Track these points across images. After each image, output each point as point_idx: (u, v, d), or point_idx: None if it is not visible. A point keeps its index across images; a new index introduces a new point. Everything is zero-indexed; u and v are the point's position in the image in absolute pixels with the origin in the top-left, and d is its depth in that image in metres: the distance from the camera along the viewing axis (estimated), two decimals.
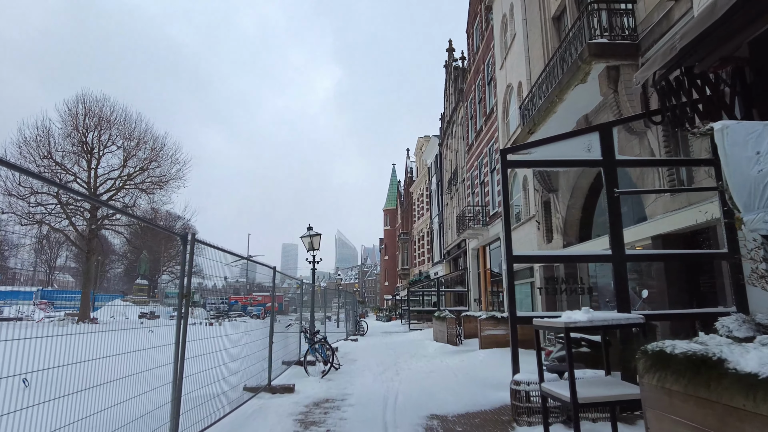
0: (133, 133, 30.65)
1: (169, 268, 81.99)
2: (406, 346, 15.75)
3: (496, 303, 20.69)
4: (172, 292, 75.88)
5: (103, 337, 3.80)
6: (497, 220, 19.14)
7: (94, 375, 3.52)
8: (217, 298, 49.77)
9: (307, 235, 14.22)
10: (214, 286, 72.20)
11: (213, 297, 48.38)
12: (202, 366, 5.83)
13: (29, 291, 46.44)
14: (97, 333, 3.76)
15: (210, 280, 43.81)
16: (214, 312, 44.89)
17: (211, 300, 48.41)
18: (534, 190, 14.26)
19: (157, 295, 63.02)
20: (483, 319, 13.34)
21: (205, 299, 48.57)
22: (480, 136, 22.30)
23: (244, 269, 9.82)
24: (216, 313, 44.63)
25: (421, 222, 44.31)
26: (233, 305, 48.53)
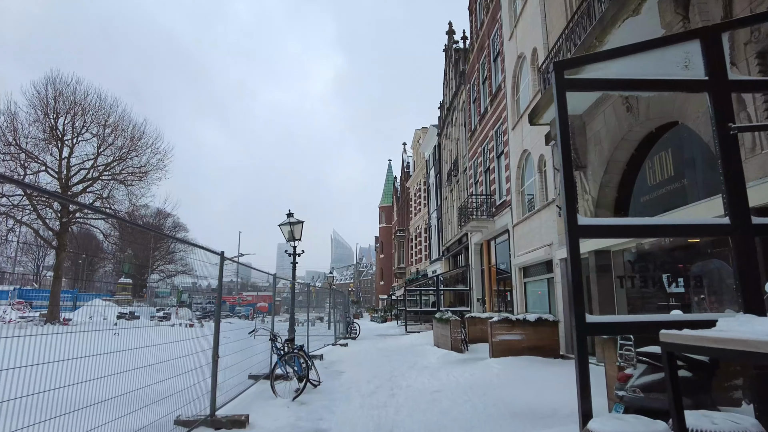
0: (108, 119, 28.36)
1: (159, 267, 79.73)
2: (403, 352, 13.61)
3: (503, 303, 18.57)
4: (162, 292, 73.64)
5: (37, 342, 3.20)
6: (505, 211, 17.04)
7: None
8: (204, 298, 47.43)
9: (287, 223, 12.06)
10: (209, 286, 69.37)
11: (200, 296, 46.03)
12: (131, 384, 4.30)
13: (5, 290, 43.98)
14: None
15: (205, 281, 40.69)
16: (200, 312, 42.61)
17: (198, 300, 46.03)
18: (554, 170, 12.15)
19: (145, 295, 60.71)
20: (495, 323, 11.22)
21: (191, 299, 46.24)
22: (485, 119, 20.20)
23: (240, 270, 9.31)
24: (202, 314, 42.38)
25: (419, 218, 42.20)
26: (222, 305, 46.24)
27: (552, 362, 10.41)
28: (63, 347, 3.61)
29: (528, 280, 15.01)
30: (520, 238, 15.32)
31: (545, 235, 12.89)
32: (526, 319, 11.32)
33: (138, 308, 42.02)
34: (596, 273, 9.83)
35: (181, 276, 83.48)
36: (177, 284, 74.32)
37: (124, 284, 50.52)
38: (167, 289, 74.32)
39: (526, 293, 15.28)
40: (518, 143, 15.55)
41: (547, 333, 11.34)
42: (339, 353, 13.85)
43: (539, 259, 13.37)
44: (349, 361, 11.91)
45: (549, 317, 11.42)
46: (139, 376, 4.84)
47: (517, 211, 15.77)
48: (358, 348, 15.53)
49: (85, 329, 4.03)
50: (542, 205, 13.21)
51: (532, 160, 14.47)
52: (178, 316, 41.87)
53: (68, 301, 45.04)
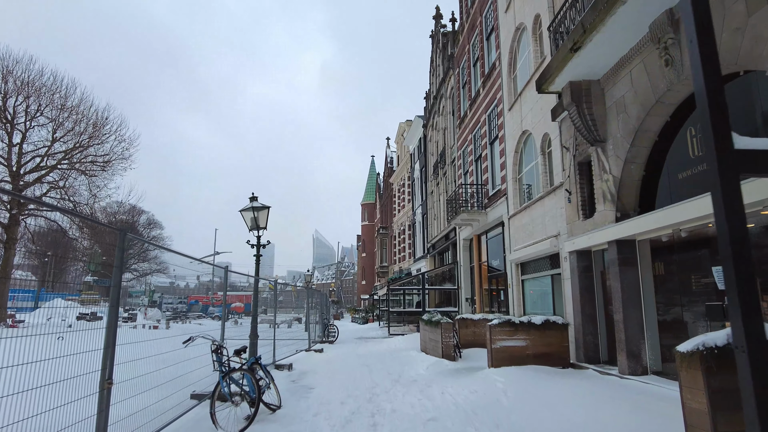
0: (65, 102, 25.92)
1: (133, 266, 76.44)
2: (387, 360, 11.81)
3: (496, 303, 16.94)
4: (136, 291, 70.73)
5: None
6: (499, 201, 15.39)
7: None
8: (175, 298, 44.88)
9: (249, 209, 10.17)
10: (186, 285, 67.09)
11: (171, 296, 43.49)
12: None
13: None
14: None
15: (183, 281, 38.33)
16: (170, 313, 40.16)
17: (169, 299, 43.51)
18: (562, 149, 10.51)
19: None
20: (495, 326, 9.52)
21: (161, 299, 43.69)
22: (476, 103, 18.56)
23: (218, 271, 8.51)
24: (173, 314, 39.95)
25: (402, 215, 40.49)
26: (193, 305, 43.75)
27: (563, 373, 8.75)
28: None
29: (527, 277, 13.37)
30: (518, 230, 13.68)
31: (550, 225, 11.24)
32: (531, 322, 9.64)
33: (102, 308, 39.58)
34: (618, 267, 8.19)
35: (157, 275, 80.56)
36: (149, 283, 71.48)
37: (90, 283, 47.74)
38: (141, 289, 71.50)
39: (524, 292, 13.65)
40: (516, 125, 13.91)
41: (556, 338, 9.68)
42: (312, 361, 12.00)
43: (542, 253, 11.72)
44: (322, 371, 10.07)
45: (557, 320, 9.76)
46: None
47: (514, 200, 14.13)
48: (335, 354, 13.68)
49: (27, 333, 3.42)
50: (546, 192, 11.57)
51: (533, 142, 12.83)
52: (146, 316, 39.42)
53: (29, 301, 42.17)
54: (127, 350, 5.33)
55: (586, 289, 9.67)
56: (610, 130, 8.56)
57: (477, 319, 13.88)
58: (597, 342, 9.44)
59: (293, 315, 35.91)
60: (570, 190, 10.08)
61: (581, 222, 9.65)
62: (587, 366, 9.15)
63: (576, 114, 8.84)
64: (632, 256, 8.19)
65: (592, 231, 9.05)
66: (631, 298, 8.07)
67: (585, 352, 9.44)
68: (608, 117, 8.61)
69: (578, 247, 9.62)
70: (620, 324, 8.09)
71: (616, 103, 8.33)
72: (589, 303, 9.61)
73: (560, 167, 10.71)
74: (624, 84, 8.07)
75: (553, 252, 11.04)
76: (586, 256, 9.76)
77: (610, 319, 9.30)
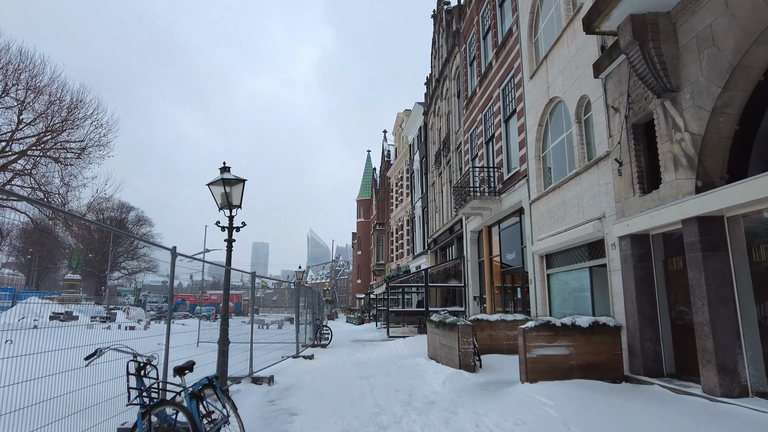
0: (35, 81, 23.65)
1: (121, 264, 73.94)
2: (391, 370, 9.76)
3: (511, 302, 14.95)
4: (125, 290, 68.37)
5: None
6: (517, 185, 13.40)
7: None
8: (160, 296, 42.60)
9: (219, 181, 8.09)
10: (180, 284, 64.90)
11: (155, 294, 41.24)
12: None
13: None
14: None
15: (176, 280, 36.55)
16: (155, 312, 37.93)
17: (153, 298, 41.23)
18: (609, 111, 8.51)
19: (104, 293, 55.43)
20: (530, 330, 7.51)
21: (145, 297, 41.42)
22: (487, 78, 16.56)
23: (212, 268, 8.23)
24: (157, 314, 37.71)
25: (400, 210, 38.46)
26: (180, 304, 41.51)
27: (622, 391, 6.76)
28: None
29: (554, 271, 11.37)
30: (542, 216, 11.69)
31: (590, 206, 9.24)
32: (575, 325, 7.64)
33: (79, 307, 37.25)
34: (700, 253, 6.20)
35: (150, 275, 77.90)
36: (137, 281, 69.16)
37: (71, 281, 45.41)
38: (130, 288, 69.16)
39: (550, 288, 11.65)
40: (540, 93, 11.92)
41: (606, 344, 7.69)
42: (300, 371, 9.92)
43: (578, 241, 9.72)
44: (311, 386, 8.01)
45: (608, 321, 7.77)
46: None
47: (537, 182, 12.14)
48: (328, 361, 11.61)
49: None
50: (583, 166, 9.56)
51: (565, 110, 10.84)
52: (129, 316, 37.14)
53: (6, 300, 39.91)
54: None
55: (643, 283, 7.67)
56: (685, 75, 6.56)
57: (494, 320, 11.89)
58: (659, 349, 7.44)
59: (285, 315, 33.82)
60: (621, 159, 8.08)
61: (637, 198, 7.65)
62: (648, 380, 7.16)
63: (639, 58, 6.82)
64: (720, 238, 6.19)
65: (656, 208, 7.05)
66: (719, 293, 6.07)
67: (643, 362, 7.43)
68: (682, 59, 6.61)
69: (634, 229, 7.62)
70: (705, 328, 6.09)
71: (697, 38, 6.33)
72: (647, 300, 7.61)
73: (605, 134, 8.70)
74: (711, 9, 6.07)
75: (595, 238, 9.04)
76: (642, 242, 7.75)
77: (677, 320, 7.32)
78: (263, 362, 9.75)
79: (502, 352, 11.56)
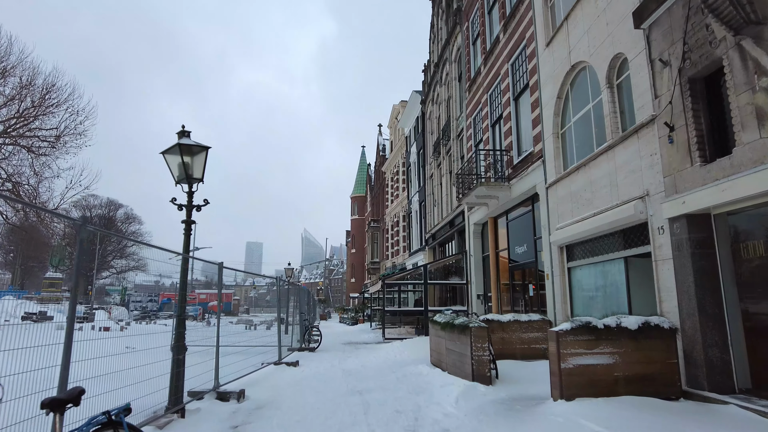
0: (3, 61, 21.85)
1: (111, 263, 71.93)
2: (389, 383, 8.17)
3: (521, 301, 13.42)
4: (113, 290, 66.56)
5: None
6: (530, 168, 11.89)
7: None
8: (145, 295, 40.75)
9: (175, 148, 6.49)
10: (172, 284, 63.17)
11: (140, 293, 39.40)
12: None
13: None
14: None
15: (168, 279, 33.68)
16: (139, 312, 36.16)
17: (137, 298, 39.40)
18: (657, 65, 6.97)
19: (90, 292, 53.52)
20: (566, 334, 5.96)
21: (128, 297, 39.60)
22: (494, 54, 15.04)
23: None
24: (141, 314, 35.92)
25: (396, 205, 36.90)
26: (165, 303, 39.74)
27: (684, 411, 5.25)
28: None
29: (577, 263, 9.84)
30: (562, 201, 10.17)
31: (626, 184, 7.72)
32: (621, 327, 6.10)
33: (59, 307, 35.41)
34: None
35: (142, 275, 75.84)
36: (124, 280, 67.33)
37: (52, 279, 43.53)
38: (118, 287, 67.34)
39: (571, 285, 10.13)
40: (559, 62, 10.40)
41: (658, 351, 6.16)
42: (279, 382, 8.33)
43: (610, 227, 8.19)
44: (288, 405, 6.43)
45: (661, 322, 6.24)
46: None
47: (556, 163, 10.62)
48: (315, 370, 10.00)
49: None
50: (617, 138, 8.03)
51: (591, 76, 9.32)
52: (111, 316, 35.37)
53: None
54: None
55: (705, 275, 6.15)
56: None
57: (506, 321, 10.35)
58: (727, 358, 5.92)
59: (275, 315, 32.20)
60: (672, 123, 6.55)
61: (697, 169, 6.12)
62: (715, 397, 5.63)
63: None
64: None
65: (727, 179, 5.54)
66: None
67: (707, 375, 5.91)
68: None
69: (691, 208, 6.10)
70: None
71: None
72: (710, 296, 6.08)
73: (648, 95, 7.17)
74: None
75: (636, 222, 7.51)
76: (702, 224, 6.23)
77: (753, 321, 5.80)
78: (236, 371, 8.15)
79: (515, 357, 10.04)
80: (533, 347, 10.45)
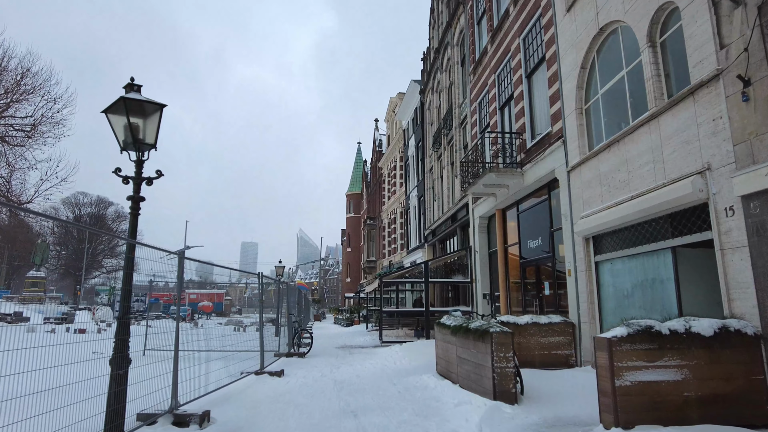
0: None
1: (101, 262, 70.12)
2: (390, 399, 6.77)
3: (535, 301, 12.07)
4: (103, 289, 64.95)
5: None
6: (547, 151, 10.56)
7: None
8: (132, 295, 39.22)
9: (120, 104, 5.08)
10: (166, 284, 61.15)
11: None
12: None
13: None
14: None
15: (162, 279, 32.07)
16: None
17: None
18: (723, 6, 5.63)
19: (79, 292, 51.82)
20: (621, 342, 4.60)
21: (114, 296, 38.01)
22: (503, 29, 13.70)
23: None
24: None
25: (393, 201, 35.53)
26: (153, 304, 38.19)
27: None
28: None
29: (606, 257, 8.49)
30: (590, 185, 8.83)
31: (679, 157, 6.37)
32: (691, 332, 4.76)
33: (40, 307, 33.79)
34: None
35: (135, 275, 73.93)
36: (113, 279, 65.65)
37: (34, 278, 41.86)
38: (107, 287, 65.64)
39: (600, 281, 8.78)
40: (584, 26, 9.07)
41: (739, 364, 4.81)
42: (257, 398, 6.94)
43: (655, 211, 6.84)
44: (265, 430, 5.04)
45: (742, 326, 4.89)
46: None
47: (580, 142, 9.28)
48: (302, 381, 8.59)
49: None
50: (665, 105, 6.69)
51: (624, 38, 7.98)
52: (94, 316, 33.75)
53: None
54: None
55: None
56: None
57: (523, 324, 9.02)
58: None
59: (267, 316, 30.74)
60: (748, 76, 5.21)
61: None
62: None
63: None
64: None
65: None
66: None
67: None
68: None
69: None
70: None
71: None
72: None
73: (710, 47, 5.83)
74: None
75: (691, 203, 6.16)
76: None
77: None
78: (208, 383, 6.74)
79: (533, 365, 8.72)
80: (554, 353, 9.13)
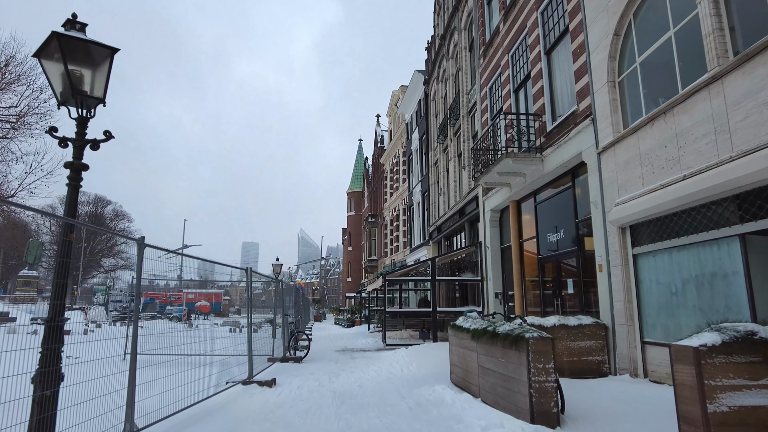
0: None
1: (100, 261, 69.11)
2: (400, 419, 5.58)
3: (557, 301, 10.92)
4: (100, 288, 64.01)
5: None
6: (571, 132, 9.44)
7: None
8: (125, 295, 38.13)
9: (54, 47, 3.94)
10: (167, 284, 60.34)
11: (121, 293, 36.76)
12: None
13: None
14: None
15: (162, 279, 30.92)
16: (118, 312, 33.55)
17: (117, 297, 36.78)
18: None
19: (76, 292, 50.77)
20: (711, 352, 3.44)
21: (108, 296, 36.98)
22: (517, 4, 12.56)
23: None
24: (120, 314, 33.29)
25: (395, 198, 34.40)
26: (148, 303, 37.15)
27: None
28: None
29: (648, 249, 7.33)
30: (627, 167, 7.69)
31: (751, 126, 5.23)
32: None
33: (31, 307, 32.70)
34: None
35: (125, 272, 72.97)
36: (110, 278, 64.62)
37: (27, 278, 40.81)
38: (104, 287, 64.66)
39: (639, 278, 7.63)
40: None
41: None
42: (241, 414, 5.80)
43: (718, 192, 5.69)
44: None
45: None
46: None
47: (613, 119, 8.14)
48: (296, 392, 7.44)
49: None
50: (731, 63, 5.55)
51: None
52: (86, 317, 32.69)
53: None
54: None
55: None
56: None
57: (550, 326, 7.91)
58: None
59: (265, 316, 29.63)
60: None
61: None
62: None
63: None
64: None
65: None
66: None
67: None
68: None
69: None
70: None
71: None
72: None
73: None
74: None
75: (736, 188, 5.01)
76: None
77: None
78: (181, 399, 5.61)
79: (563, 373, 7.62)
80: (584, 360, 8.00)
